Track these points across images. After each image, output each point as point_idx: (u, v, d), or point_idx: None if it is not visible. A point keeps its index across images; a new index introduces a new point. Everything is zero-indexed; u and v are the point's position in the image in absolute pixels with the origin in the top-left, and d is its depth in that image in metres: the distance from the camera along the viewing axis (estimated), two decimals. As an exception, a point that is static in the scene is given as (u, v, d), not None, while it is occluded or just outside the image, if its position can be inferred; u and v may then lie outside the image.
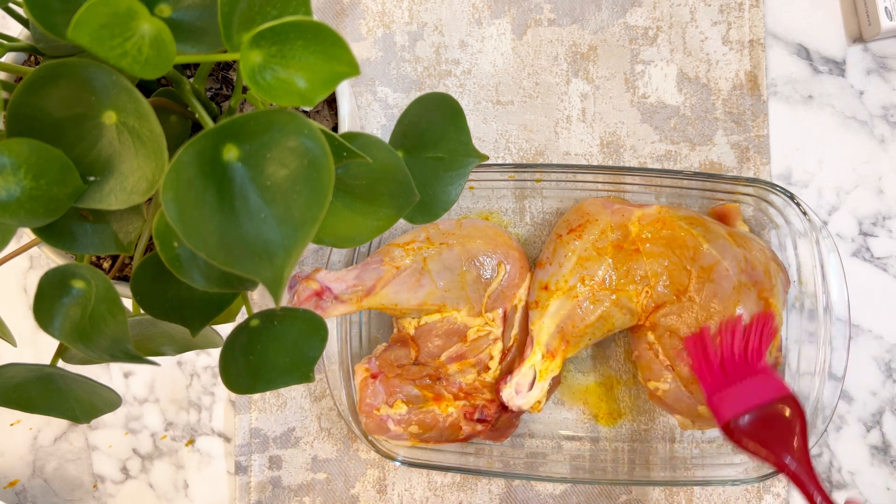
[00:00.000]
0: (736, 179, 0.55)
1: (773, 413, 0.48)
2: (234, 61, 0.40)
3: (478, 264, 0.54)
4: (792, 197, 0.53)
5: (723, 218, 0.56)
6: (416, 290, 0.53)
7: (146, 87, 0.35)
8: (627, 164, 0.60)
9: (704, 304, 0.51)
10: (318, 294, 0.52)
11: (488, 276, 0.54)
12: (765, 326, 0.50)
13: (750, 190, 0.56)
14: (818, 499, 0.45)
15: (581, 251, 0.53)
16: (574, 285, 0.53)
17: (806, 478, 0.46)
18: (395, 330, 0.57)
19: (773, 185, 0.54)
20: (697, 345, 0.51)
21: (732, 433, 0.48)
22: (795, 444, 0.47)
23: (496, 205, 0.60)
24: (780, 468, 0.47)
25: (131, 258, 0.43)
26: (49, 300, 0.28)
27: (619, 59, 0.61)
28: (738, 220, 0.55)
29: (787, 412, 0.48)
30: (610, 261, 0.53)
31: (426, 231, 0.55)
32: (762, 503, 0.58)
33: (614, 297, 0.53)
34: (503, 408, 0.54)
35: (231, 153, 0.24)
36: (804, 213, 0.54)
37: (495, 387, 0.54)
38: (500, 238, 0.55)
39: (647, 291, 0.53)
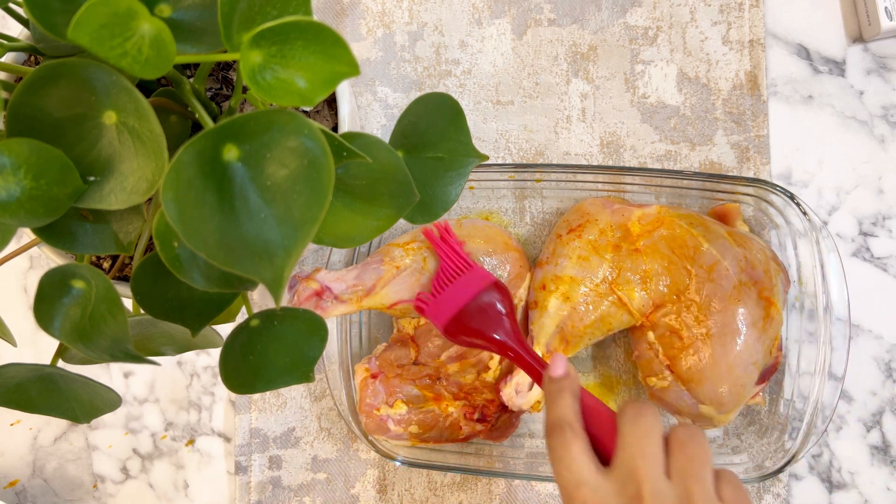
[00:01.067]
0: (736, 179, 0.55)
1: (482, 303, 0.50)
2: (234, 61, 0.40)
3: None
4: (792, 197, 0.53)
5: (723, 218, 0.56)
6: (416, 290, 0.53)
7: (146, 87, 0.35)
8: (627, 164, 0.60)
9: (704, 303, 0.51)
10: (318, 294, 0.52)
11: (488, 276, 0.54)
12: (449, 234, 0.53)
13: (750, 190, 0.55)
14: (539, 372, 0.46)
15: (581, 251, 0.53)
16: (574, 285, 0.53)
17: (516, 346, 0.48)
18: (395, 330, 0.57)
19: (773, 185, 0.54)
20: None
21: (452, 334, 0.50)
22: (505, 322, 0.49)
23: (496, 205, 0.60)
24: (493, 347, 0.49)
25: (131, 258, 0.43)
26: (49, 300, 0.28)
27: (619, 59, 0.61)
28: (738, 220, 0.55)
29: (493, 298, 0.50)
30: (609, 260, 0.53)
31: (426, 231, 0.55)
32: (762, 503, 0.58)
33: (614, 297, 0.53)
34: (503, 408, 0.54)
35: (231, 153, 0.24)
36: (804, 213, 0.54)
37: (495, 387, 0.54)
38: (499, 238, 0.55)
39: (646, 291, 0.53)
